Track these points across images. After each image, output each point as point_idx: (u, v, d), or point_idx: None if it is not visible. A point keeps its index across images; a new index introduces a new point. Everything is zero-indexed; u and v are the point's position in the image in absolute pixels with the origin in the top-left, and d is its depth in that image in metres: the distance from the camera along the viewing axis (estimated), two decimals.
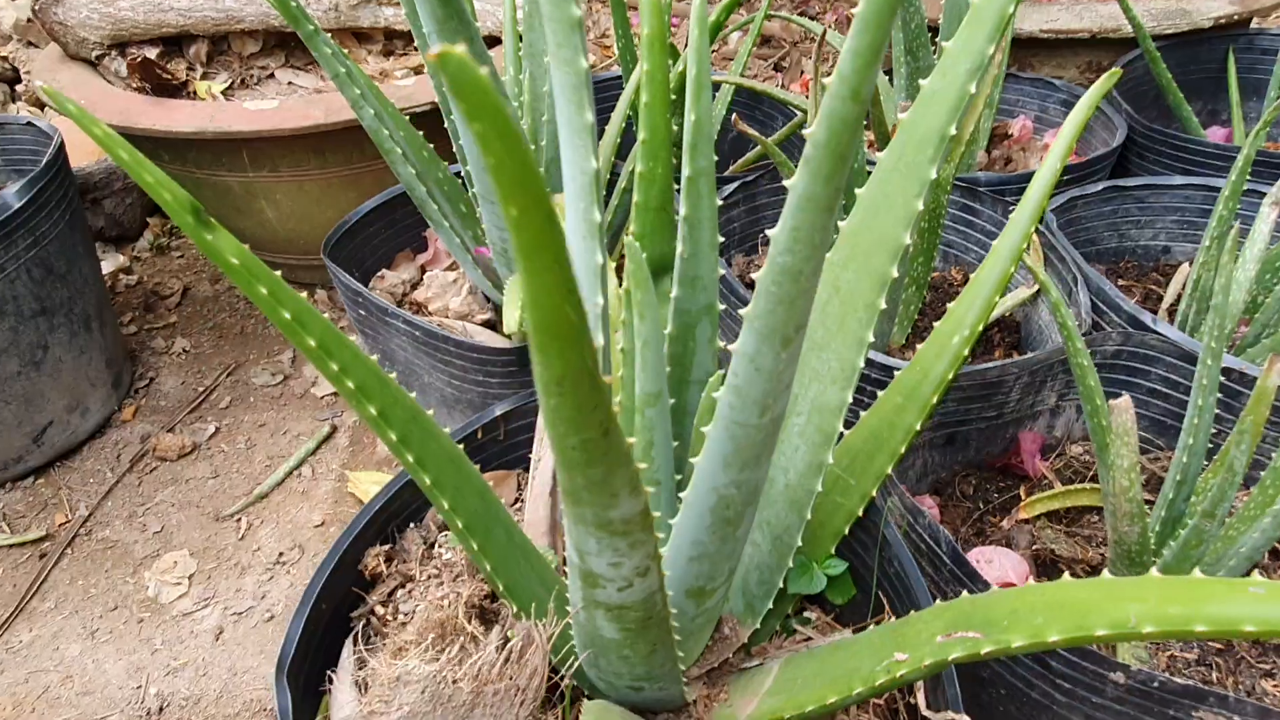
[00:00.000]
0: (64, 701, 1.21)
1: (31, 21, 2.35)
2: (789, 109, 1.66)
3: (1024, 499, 1.12)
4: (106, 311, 1.61)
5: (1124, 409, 0.75)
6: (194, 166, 1.58)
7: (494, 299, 1.30)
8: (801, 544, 0.75)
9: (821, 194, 0.40)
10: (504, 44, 1.31)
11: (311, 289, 1.91)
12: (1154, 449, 1.11)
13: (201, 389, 1.69)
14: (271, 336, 1.82)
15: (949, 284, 1.40)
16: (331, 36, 1.49)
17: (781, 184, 1.43)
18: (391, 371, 0.59)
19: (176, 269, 2.01)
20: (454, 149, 1.18)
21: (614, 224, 1.23)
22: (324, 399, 1.67)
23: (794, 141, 1.54)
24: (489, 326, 1.31)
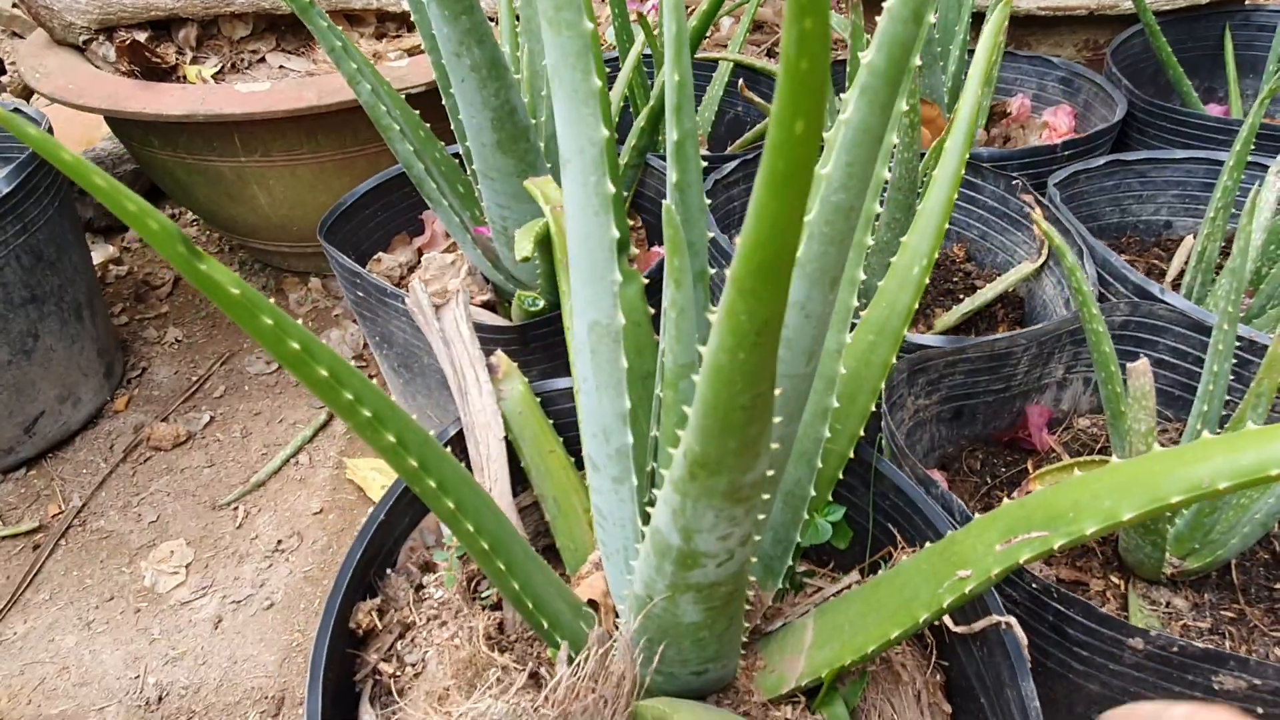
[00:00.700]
0: (61, 693, 1.19)
1: (17, 7, 2.32)
2: None
3: (1032, 473, 1.11)
4: (97, 301, 1.59)
5: (1142, 371, 0.74)
6: (185, 152, 1.56)
7: (493, 279, 1.28)
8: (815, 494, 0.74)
9: (876, 124, 0.39)
10: (500, 20, 1.30)
11: (305, 276, 1.89)
12: (1162, 420, 1.10)
13: (195, 378, 1.67)
14: None
15: (950, 261, 1.39)
16: None
17: None
18: (390, 352, 0.57)
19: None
20: (451, 127, 1.17)
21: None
22: None
23: None
24: (489, 307, 1.30)
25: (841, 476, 0.80)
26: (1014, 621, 0.67)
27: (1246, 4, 1.85)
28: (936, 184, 0.82)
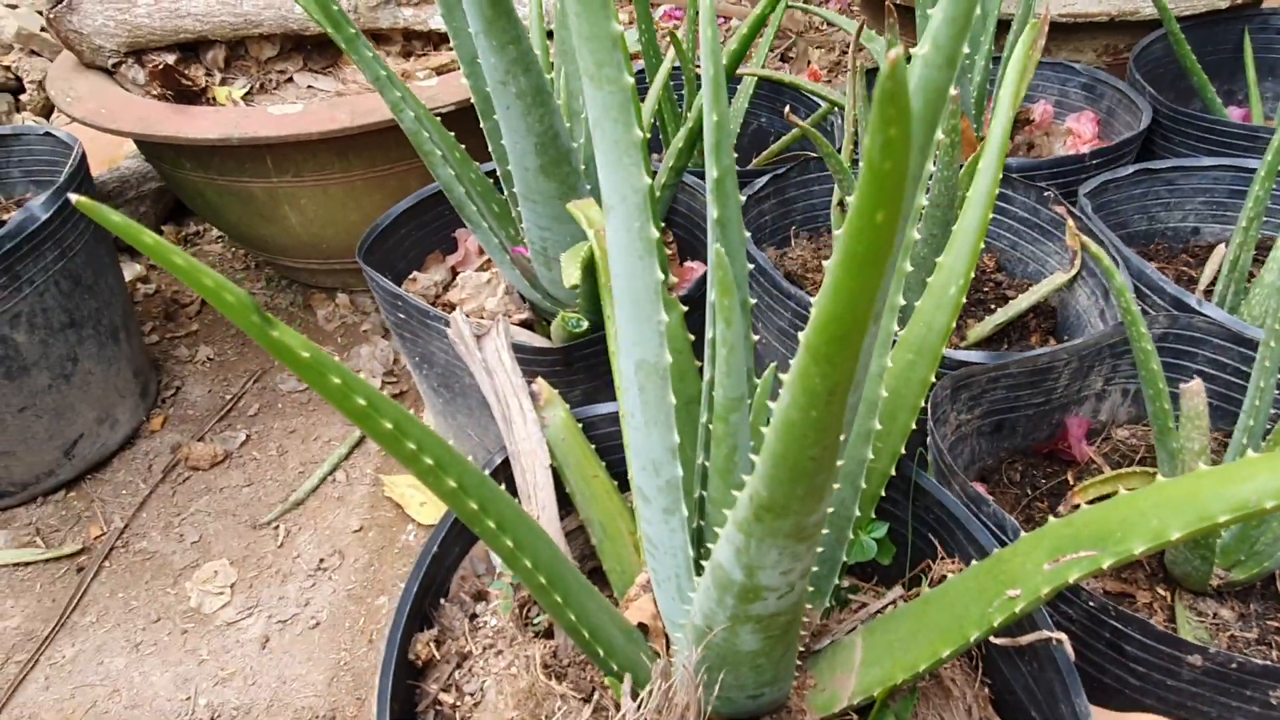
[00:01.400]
0: (112, 715, 1.20)
1: (45, 31, 2.33)
2: (811, 99, 1.66)
3: (1071, 484, 1.12)
4: (131, 322, 1.60)
5: (1195, 392, 0.75)
6: (216, 173, 1.57)
7: (530, 298, 1.29)
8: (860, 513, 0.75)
9: (917, 167, 0.42)
10: (532, 42, 1.31)
11: (332, 292, 1.90)
12: None
13: (229, 396, 1.68)
14: None
15: (981, 272, 1.40)
16: None
17: (811, 176, 1.43)
18: (430, 372, 0.58)
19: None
20: (490, 149, 1.18)
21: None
22: None
23: (825, 129, 1.54)
24: (526, 326, 1.31)
25: (884, 493, 0.82)
26: (1064, 638, 0.69)
27: (1264, 8, 1.86)
28: (971, 204, 0.84)
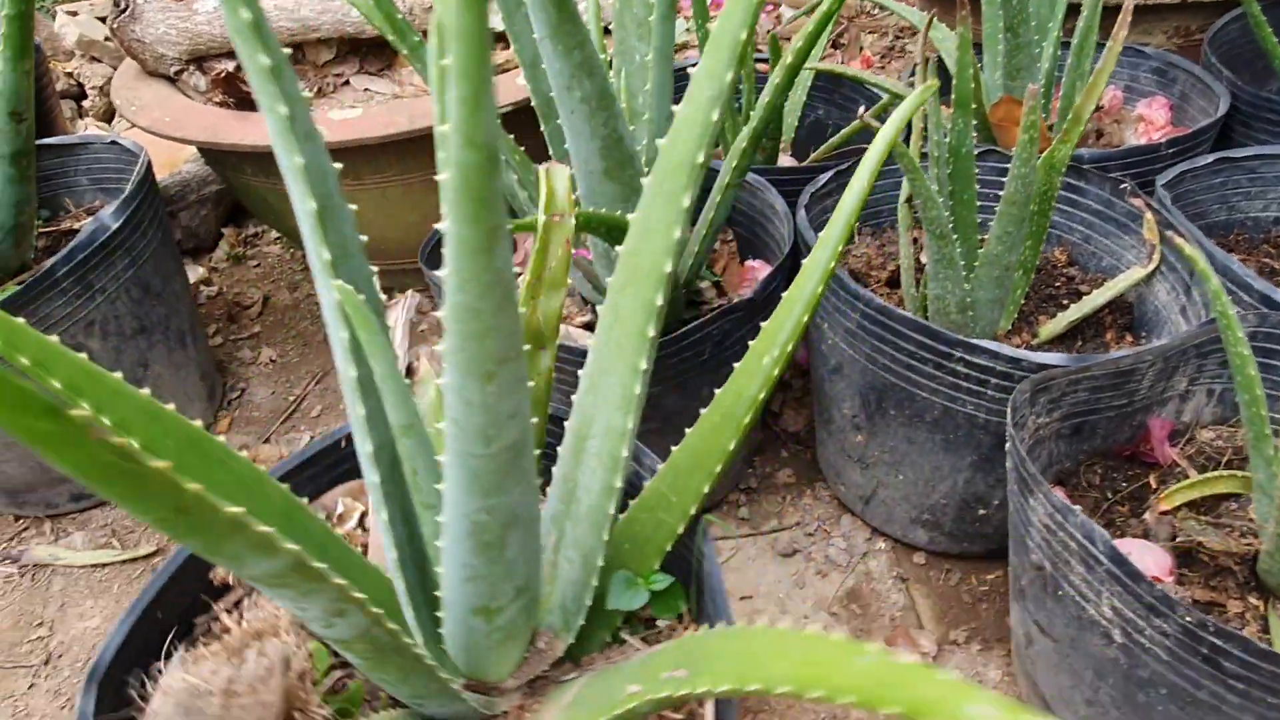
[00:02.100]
0: None
1: (109, 40, 2.37)
2: (870, 90, 1.63)
3: (1153, 487, 1.09)
4: (196, 326, 1.63)
5: None
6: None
7: (592, 300, 1.29)
8: (605, 563, 0.74)
9: (471, 236, 0.42)
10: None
11: (389, 294, 1.91)
12: None
13: (292, 398, 1.71)
14: None
15: (1052, 266, 1.36)
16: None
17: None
18: None
19: (254, 278, 2.03)
20: (551, 153, 1.18)
21: (717, 219, 1.21)
22: None
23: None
24: (588, 328, 1.30)
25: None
26: None
27: None
28: (805, 274, 0.75)
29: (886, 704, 0.37)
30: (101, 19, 2.56)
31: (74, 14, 2.62)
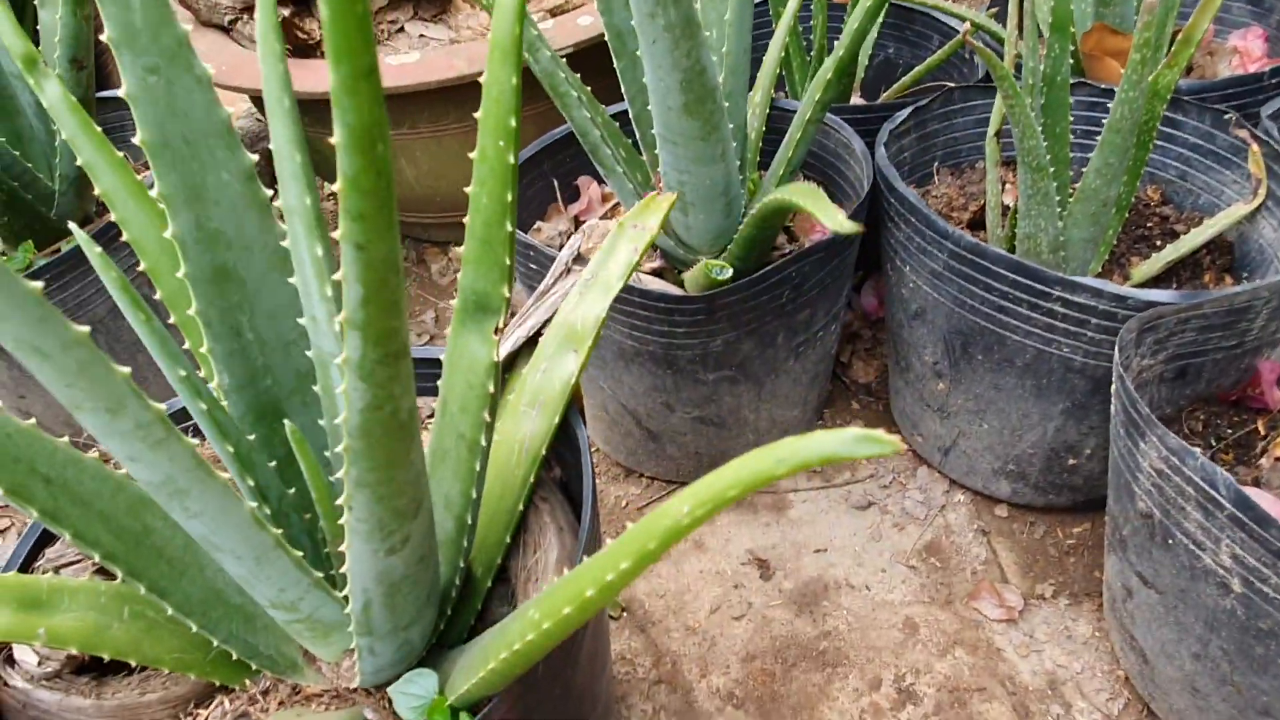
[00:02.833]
0: None
1: None
2: (944, 24, 1.56)
3: (1261, 433, 1.03)
4: None
5: None
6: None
7: (663, 246, 1.25)
8: None
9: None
10: None
11: (445, 245, 1.89)
12: None
13: None
14: (412, 297, 1.81)
15: (1144, 205, 1.29)
16: None
17: (955, 107, 1.34)
18: None
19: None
20: (623, 90, 1.13)
21: (796, 159, 1.16)
22: None
23: (962, 56, 1.45)
24: (656, 275, 1.27)
25: None
26: None
27: None
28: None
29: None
30: None
31: None
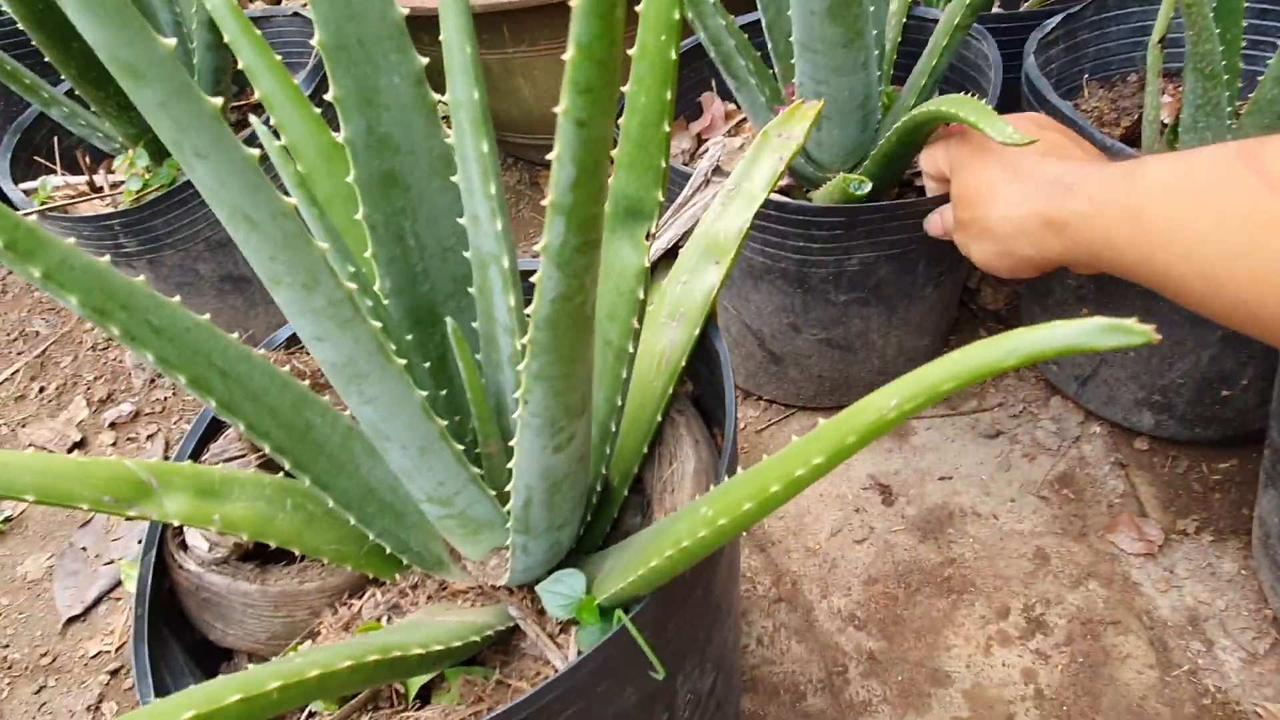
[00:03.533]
0: None
1: None
2: None
3: None
4: None
5: None
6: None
7: (792, 163, 1.21)
8: None
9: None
10: None
11: (537, 168, 1.89)
12: None
13: None
14: (525, 220, 1.82)
15: None
16: None
17: (1108, 14, 1.25)
18: None
19: None
20: None
21: (939, 68, 1.10)
22: None
23: None
24: (784, 192, 1.23)
25: None
26: None
27: None
28: None
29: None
30: None
31: None
